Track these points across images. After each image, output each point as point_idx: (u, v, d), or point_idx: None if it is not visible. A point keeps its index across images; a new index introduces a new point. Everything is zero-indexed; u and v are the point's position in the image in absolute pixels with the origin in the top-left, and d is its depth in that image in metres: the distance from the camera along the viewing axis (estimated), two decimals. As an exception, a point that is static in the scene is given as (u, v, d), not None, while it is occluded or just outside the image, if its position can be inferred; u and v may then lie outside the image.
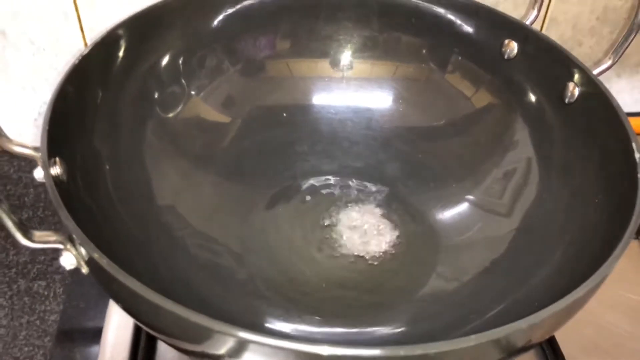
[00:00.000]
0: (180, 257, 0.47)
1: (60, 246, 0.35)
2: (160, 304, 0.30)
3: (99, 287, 0.37)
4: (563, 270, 0.43)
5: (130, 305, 0.35)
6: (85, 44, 0.59)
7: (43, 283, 0.53)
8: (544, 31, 0.66)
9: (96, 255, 0.33)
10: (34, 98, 0.62)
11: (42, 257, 0.55)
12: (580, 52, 0.69)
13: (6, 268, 0.54)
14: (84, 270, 0.36)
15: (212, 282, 0.47)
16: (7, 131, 0.62)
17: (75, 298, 0.52)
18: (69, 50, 0.59)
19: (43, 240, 0.36)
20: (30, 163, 0.39)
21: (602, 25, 0.67)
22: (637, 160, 0.40)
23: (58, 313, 0.51)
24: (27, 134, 0.64)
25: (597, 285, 0.35)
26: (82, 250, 0.34)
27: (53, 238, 0.36)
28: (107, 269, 0.32)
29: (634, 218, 0.37)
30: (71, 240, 0.35)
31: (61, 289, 0.53)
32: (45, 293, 0.53)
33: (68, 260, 0.35)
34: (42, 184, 0.40)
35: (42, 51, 0.59)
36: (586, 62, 0.65)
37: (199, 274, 0.47)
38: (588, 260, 0.38)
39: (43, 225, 0.58)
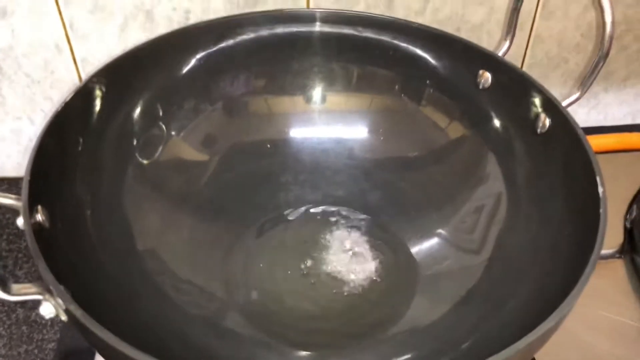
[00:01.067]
0: (162, 302, 0.47)
1: (40, 297, 0.36)
2: (135, 357, 0.31)
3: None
4: (535, 300, 0.43)
5: (107, 355, 0.36)
6: (79, 75, 0.60)
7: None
8: (529, 49, 0.67)
9: (72, 307, 0.34)
10: (30, 129, 0.63)
11: (40, 288, 0.56)
12: (567, 68, 0.69)
13: (5, 298, 0.55)
14: (63, 318, 0.37)
15: (195, 326, 0.47)
16: (5, 162, 0.64)
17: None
18: (63, 81, 0.60)
19: (22, 292, 0.37)
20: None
21: (587, 42, 0.67)
22: (601, 194, 0.41)
23: (55, 341, 0.52)
24: (24, 164, 0.64)
25: (562, 318, 0.36)
26: (60, 301, 0.35)
27: (32, 290, 0.36)
28: (82, 321, 0.33)
29: (595, 251, 0.38)
30: (49, 291, 0.36)
31: (58, 318, 0.54)
32: (43, 322, 0.53)
33: (47, 309, 0.36)
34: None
35: (37, 83, 0.59)
36: (573, 79, 0.65)
37: (181, 317, 0.47)
38: (559, 289, 0.38)
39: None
